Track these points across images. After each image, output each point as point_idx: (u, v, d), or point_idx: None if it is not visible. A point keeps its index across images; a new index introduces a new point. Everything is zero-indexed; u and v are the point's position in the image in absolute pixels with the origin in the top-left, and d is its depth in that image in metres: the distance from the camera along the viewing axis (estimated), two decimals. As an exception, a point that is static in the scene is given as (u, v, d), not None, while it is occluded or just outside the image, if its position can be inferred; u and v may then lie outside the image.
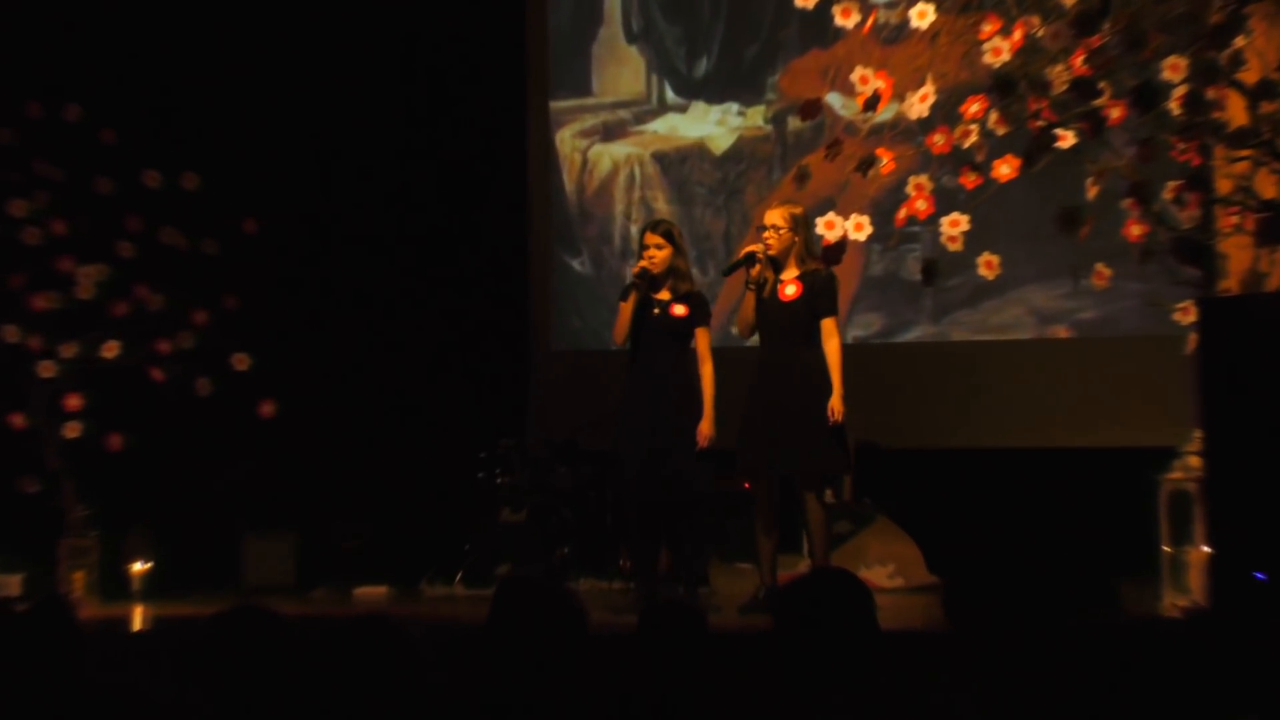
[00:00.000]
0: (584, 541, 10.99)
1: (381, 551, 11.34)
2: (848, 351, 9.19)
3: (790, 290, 9.15)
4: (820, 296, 9.10)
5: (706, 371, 9.28)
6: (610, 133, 12.84)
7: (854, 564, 10.17)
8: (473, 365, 12.64)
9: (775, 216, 9.21)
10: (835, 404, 8.94)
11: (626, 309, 9.37)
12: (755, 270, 9.18)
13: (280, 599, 10.01)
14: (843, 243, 7.65)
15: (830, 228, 7.67)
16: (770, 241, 9.17)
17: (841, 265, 8.24)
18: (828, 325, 9.07)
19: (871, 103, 7.47)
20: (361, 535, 11.39)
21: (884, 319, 12.02)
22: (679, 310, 9.37)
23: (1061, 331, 11.46)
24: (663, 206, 12.72)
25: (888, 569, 10.41)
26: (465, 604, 10.08)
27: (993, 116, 7.39)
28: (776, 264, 9.18)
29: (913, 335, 11.89)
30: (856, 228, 7.60)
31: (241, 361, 10.65)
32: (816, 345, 9.07)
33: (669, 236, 9.42)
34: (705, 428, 9.21)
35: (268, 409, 10.65)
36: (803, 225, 9.21)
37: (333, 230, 12.39)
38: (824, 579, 4.58)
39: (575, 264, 12.93)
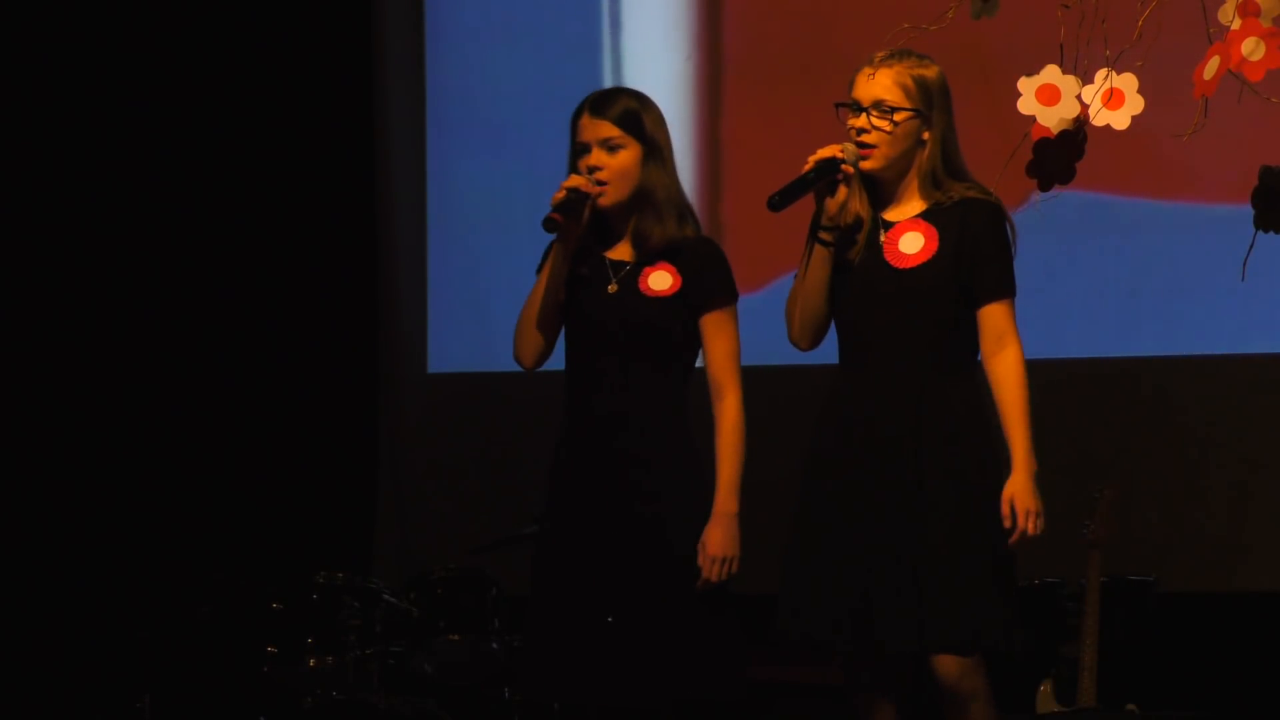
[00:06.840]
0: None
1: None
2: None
3: (912, 244, 4.62)
4: (980, 255, 4.57)
5: (727, 413, 4.69)
6: None
7: None
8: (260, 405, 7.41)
9: (883, 83, 4.59)
10: (1019, 494, 4.45)
11: (542, 285, 4.78)
12: (838, 199, 4.62)
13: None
14: (1078, 133, 3.43)
15: (1050, 96, 3.38)
16: (872, 140, 4.60)
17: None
18: (996, 317, 4.56)
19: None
20: None
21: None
22: (659, 282, 4.73)
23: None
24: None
25: None
26: None
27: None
28: (880, 188, 4.68)
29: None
30: (1109, 101, 3.35)
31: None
32: (969, 364, 4.63)
33: (633, 123, 4.69)
34: (716, 538, 4.61)
35: None
36: (940, 104, 4.64)
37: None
38: None
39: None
